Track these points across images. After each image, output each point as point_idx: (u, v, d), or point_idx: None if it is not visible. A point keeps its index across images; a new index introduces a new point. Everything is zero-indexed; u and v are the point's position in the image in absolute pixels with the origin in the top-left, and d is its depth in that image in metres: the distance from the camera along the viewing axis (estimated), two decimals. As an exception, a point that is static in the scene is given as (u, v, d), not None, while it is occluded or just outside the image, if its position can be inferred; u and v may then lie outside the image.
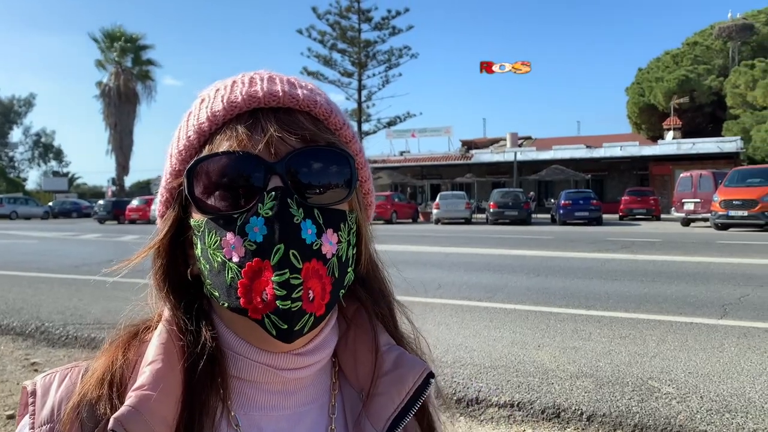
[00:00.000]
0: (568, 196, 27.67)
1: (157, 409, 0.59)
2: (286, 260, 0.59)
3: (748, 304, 6.64)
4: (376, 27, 39.83)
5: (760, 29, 44.93)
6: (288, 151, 0.63)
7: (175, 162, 0.67)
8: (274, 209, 0.60)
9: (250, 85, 0.66)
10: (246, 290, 0.60)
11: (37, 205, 45.18)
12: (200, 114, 0.66)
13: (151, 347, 0.65)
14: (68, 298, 7.37)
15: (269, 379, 0.67)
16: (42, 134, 74.40)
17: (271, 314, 0.59)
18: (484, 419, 3.71)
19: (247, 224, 0.60)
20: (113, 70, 44.84)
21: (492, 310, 6.60)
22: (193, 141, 0.65)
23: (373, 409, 0.68)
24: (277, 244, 0.59)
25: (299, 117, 0.65)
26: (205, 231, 0.63)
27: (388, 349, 0.72)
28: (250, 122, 0.63)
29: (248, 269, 0.59)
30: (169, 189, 0.68)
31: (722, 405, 3.65)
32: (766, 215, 19.09)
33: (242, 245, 0.60)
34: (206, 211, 0.63)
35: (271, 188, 0.61)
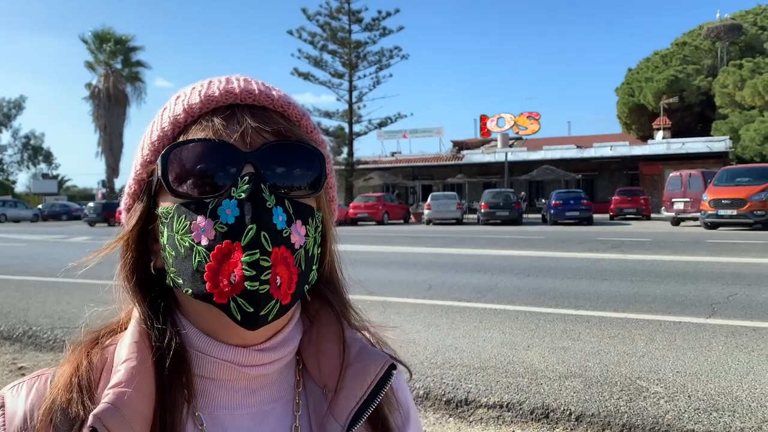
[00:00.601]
0: (559, 196, 27.77)
1: (134, 405, 0.60)
2: (257, 241, 0.60)
3: (736, 303, 6.68)
4: (367, 28, 39.81)
5: (748, 29, 45.27)
6: (262, 143, 0.65)
7: (147, 153, 0.68)
8: (247, 192, 0.61)
9: (227, 83, 0.68)
10: (213, 273, 0.60)
11: (26, 207, 44.88)
12: (176, 107, 0.68)
13: (124, 346, 0.65)
14: (56, 301, 7.32)
15: (233, 376, 0.67)
16: (31, 136, 73.97)
17: (237, 297, 0.60)
18: (473, 420, 3.71)
19: (219, 207, 0.61)
20: (103, 72, 44.64)
21: (482, 311, 6.61)
22: (167, 132, 0.67)
23: (337, 403, 0.69)
24: (249, 224, 0.60)
25: (273, 114, 0.68)
26: (174, 216, 0.64)
27: (350, 345, 0.73)
28: (226, 114, 0.66)
29: (217, 251, 0.60)
30: (138, 180, 0.69)
31: (710, 404, 3.67)
32: (754, 214, 19.24)
33: (213, 228, 0.61)
34: (179, 195, 0.63)
35: (245, 173, 0.63)
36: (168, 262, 0.65)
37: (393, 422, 0.75)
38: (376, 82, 40.75)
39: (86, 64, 45.62)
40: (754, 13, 46.79)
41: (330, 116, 41.14)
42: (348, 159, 41.61)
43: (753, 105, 37.44)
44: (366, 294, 5.41)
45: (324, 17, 39.28)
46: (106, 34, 44.88)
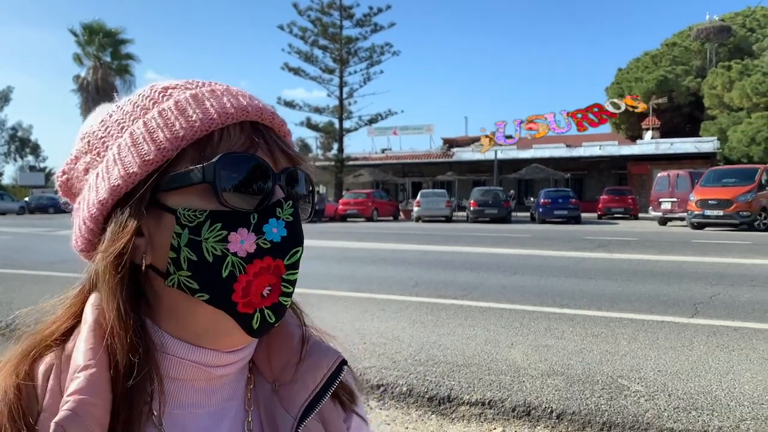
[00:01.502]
0: (548, 195, 27.88)
1: (94, 412, 0.60)
2: (299, 261, 0.68)
3: (718, 303, 6.74)
4: (358, 24, 39.70)
5: (736, 31, 45.60)
6: (284, 167, 0.69)
7: (167, 146, 0.64)
8: (293, 215, 0.67)
9: (251, 99, 0.70)
10: (245, 285, 0.63)
11: (12, 200, 44.47)
12: (205, 109, 0.66)
13: (79, 352, 0.63)
14: (41, 295, 7.22)
15: (196, 376, 0.68)
16: (18, 128, 73.24)
17: (266, 308, 0.65)
18: (455, 417, 3.72)
19: (265, 224, 0.65)
20: (91, 65, 44.24)
21: (467, 308, 6.63)
22: (197, 131, 0.65)
23: (288, 396, 0.72)
24: (296, 246, 0.67)
25: (283, 139, 0.72)
26: (206, 222, 0.63)
27: (301, 341, 0.77)
28: (255, 132, 0.68)
29: (255, 265, 0.64)
30: (145, 171, 0.64)
31: (689, 403, 3.71)
32: (740, 215, 19.43)
33: (254, 242, 0.64)
34: (228, 203, 0.64)
35: (284, 196, 0.67)
36: (179, 265, 0.63)
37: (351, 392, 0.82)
38: (366, 79, 40.70)
39: (74, 57, 45.17)
40: (743, 15, 47.12)
41: (320, 112, 41.05)
42: (338, 155, 41.54)
43: (741, 107, 37.72)
44: (352, 291, 5.47)
45: (315, 12, 39.17)
46: (96, 26, 44.48)
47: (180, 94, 0.68)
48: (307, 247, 0.79)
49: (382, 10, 39.13)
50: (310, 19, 39.23)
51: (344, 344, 0.85)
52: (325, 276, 9.12)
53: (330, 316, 6.09)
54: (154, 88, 0.70)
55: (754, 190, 19.77)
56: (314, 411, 0.71)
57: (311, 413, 0.70)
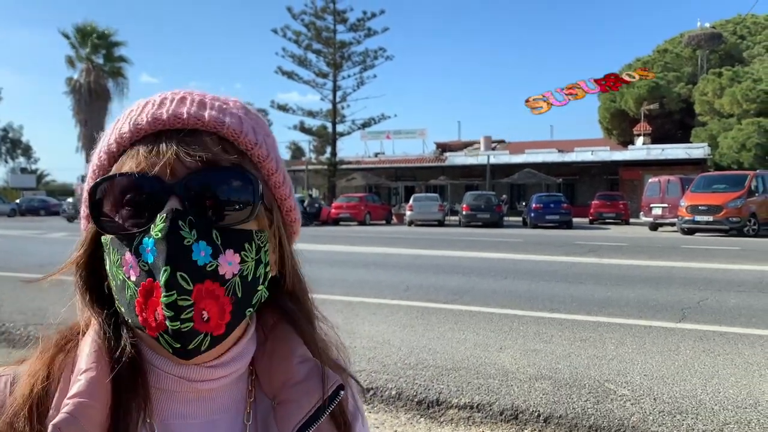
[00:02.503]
0: (540, 200, 27.96)
1: (92, 415, 0.61)
2: (174, 282, 0.59)
3: (706, 308, 6.81)
4: (352, 28, 39.79)
5: (727, 38, 46.01)
6: (186, 173, 0.63)
7: (89, 180, 0.68)
8: (163, 231, 0.60)
9: (159, 107, 0.67)
10: (141, 309, 0.61)
11: (3, 202, 44.21)
12: (109, 136, 0.68)
13: (84, 356, 0.66)
14: (31, 298, 7.25)
15: (183, 389, 0.68)
16: (9, 129, 72.88)
17: (163, 333, 0.61)
18: (443, 420, 3.76)
19: (140, 245, 0.61)
20: (84, 67, 44.07)
21: (458, 313, 6.67)
22: (104, 161, 0.68)
23: (282, 415, 0.70)
24: (163, 266, 0.59)
25: (205, 138, 0.66)
26: (110, 248, 0.65)
27: (303, 361, 0.74)
28: (152, 144, 0.65)
29: (143, 288, 0.61)
30: (90, 192, 0.68)
31: (674, 407, 3.76)
32: (730, 221, 19.56)
33: (137, 265, 0.62)
34: (106, 231, 0.65)
35: (167, 210, 0.61)
36: (113, 289, 0.66)
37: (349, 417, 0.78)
38: (360, 83, 40.77)
39: (67, 59, 45.02)
40: (734, 22, 47.57)
41: (314, 116, 41.07)
42: (331, 159, 41.57)
43: (731, 113, 38.00)
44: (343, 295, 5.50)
45: (309, 16, 39.23)
46: (89, 28, 44.33)
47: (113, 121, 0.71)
48: (298, 250, 0.80)
49: (375, 15, 39.32)
50: (304, 23, 39.31)
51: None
52: (316, 280, 8.97)
53: (321, 319, 6.09)
54: None
55: (744, 196, 19.91)
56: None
57: None
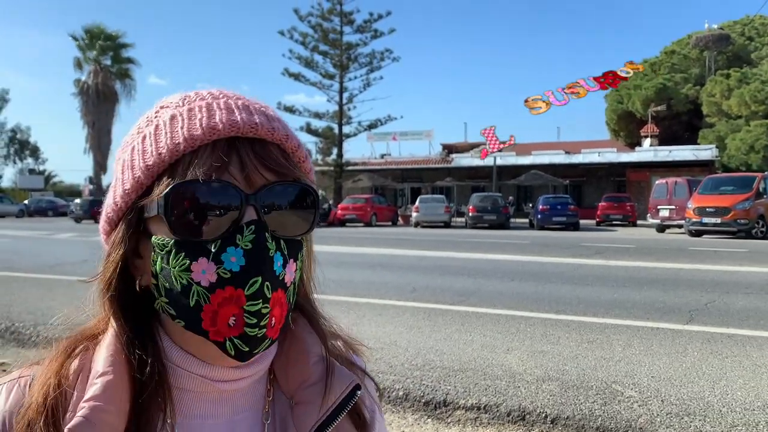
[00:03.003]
0: (546, 201, 27.91)
1: (108, 419, 0.62)
2: (261, 292, 0.63)
3: (713, 310, 6.79)
4: (358, 30, 39.83)
5: (735, 39, 45.83)
6: (263, 184, 0.66)
7: (140, 175, 0.66)
8: (253, 242, 0.63)
9: (229, 113, 0.67)
10: (212, 315, 0.63)
11: (11, 203, 44.45)
12: (174, 134, 0.66)
13: (100, 358, 0.66)
14: (40, 298, 7.31)
15: (206, 389, 0.70)
16: (17, 130, 73.24)
17: (235, 338, 0.63)
18: (450, 421, 3.77)
19: (223, 253, 0.62)
20: (92, 68, 44.33)
21: (464, 314, 6.67)
22: (165, 159, 0.65)
23: (300, 415, 0.72)
24: (254, 276, 0.62)
25: (272, 150, 0.68)
26: (172, 251, 0.64)
27: (318, 360, 0.75)
28: (228, 150, 0.66)
29: (218, 295, 0.62)
30: (127, 201, 0.68)
31: (682, 408, 3.75)
32: (738, 223, 19.48)
33: (215, 272, 0.62)
34: (182, 235, 0.64)
35: (249, 221, 0.64)
36: (159, 291, 0.66)
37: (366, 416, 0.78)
38: (366, 84, 40.79)
39: (75, 61, 45.30)
40: (742, 23, 47.36)
41: (320, 117, 41.13)
42: (337, 160, 41.61)
43: (739, 114, 37.87)
44: (350, 296, 5.51)
45: (316, 18, 39.28)
46: (97, 30, 44.59)
47: (164, 116, 0.69)
48: None
49: (382, 17, 39.33)
50: (311, 25, 39.37)
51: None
52: (323, 281, 9.05)
53: (328, 320, 6.11)
54: (153, 109, 0.72)
55: (752, 198, 19.82)
56: None
57: None
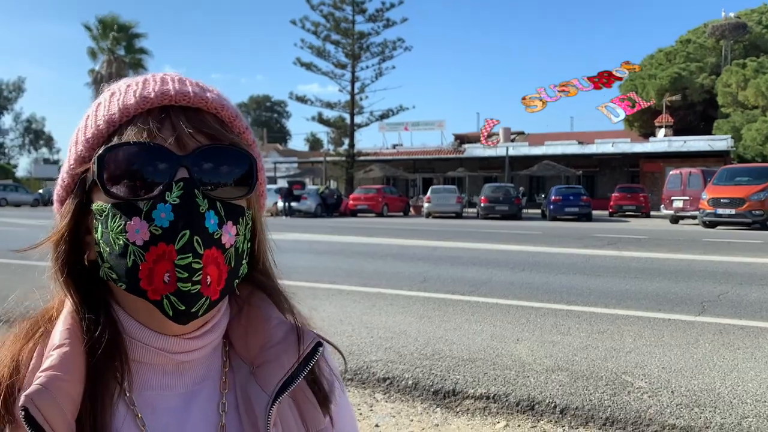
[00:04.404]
0: (559, 192, 27.77)
1: (65, 387, 0.63)
2: (190, 245, 0.64)
3: (726, 302, 6.74)
4: (370, 19, 39.69)
5: (753, 28, 45.20)
6: (195, 147, 0.68)
7: (81, 149, 0.70)
8: (181, 197, 0.65)
9: (162, 84, 0.70)
10: (148, 273, 0.64)
11: (27, 192, 44.87)
12: (111, 106, 0.69)
13: (57, 332, 0.68)
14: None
15: (162, 361, 0.71)
16: (32, 120, 73.86)
17: (170, 295, 0.64)
18: (459, 411, 3.78)
19: (154, 210, 0.64)
20: (106, 58, 44.60)
21: (475, 304, 6.68)
22: (102, 130, 0.69)
23: (264, 375, 0.74)
24: (182, 230, 0.64)
25: (207, 117, 0.70)
26: (109, 215, 0.66)
27: (280, 323, 0.78)
28: (161, 117, 0.68)
29: (152, 252, 0.64)
30: (72, 175, 0.71)
31: (692, 399, 3.74)
32: (753, 214, 19.28)
33: (148, 230, 0.64)
34: (114, 196, 0.66)
35: (179, 178, 0.66)
36: (103, 258, 0.68)
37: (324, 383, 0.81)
38: (378, 74, 40.68)
39: (89, 51, 45.56)
40: (760, 12, 46.71)
41: (332, 107, 41.12)
42: (349, 150, 41.62)
43: (756, 105, 37.44)
44: (361, 285, 5.54)
45: (328, 7, 39.19)
46: (110, 20, 44.81)
47: (106, 94, 0.73)
48: (317, 241, 0.83)
49: (394, 5, 39.11)
50: (323, 14, 39.28)
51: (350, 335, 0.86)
52: (334, 270, 9.20)
53: (338, 310, 6.16)
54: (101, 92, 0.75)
55: (767, 189, 19.61)
56: (289, 389, 0.72)
57: (286, 391, 0.72)
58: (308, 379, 0.79)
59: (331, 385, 0.83)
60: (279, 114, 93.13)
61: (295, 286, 0.87)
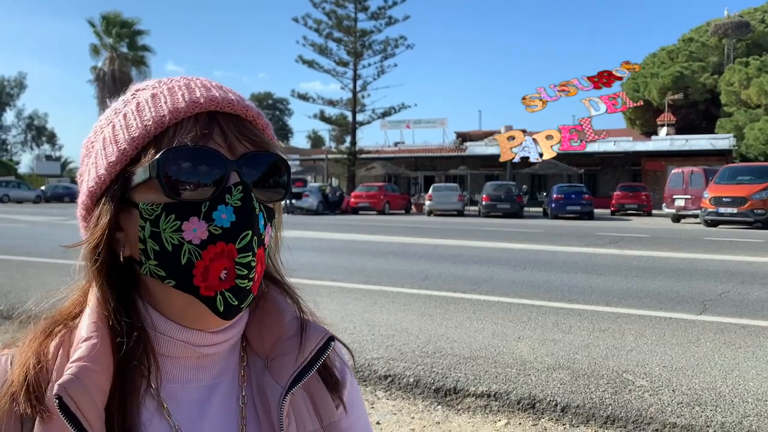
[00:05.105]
0: (561, 190, 27.77)
1: (94, 378, 0.65)
2: (250, 245, 0.69)
3: (727, 301, 6.74)
4: (373, 16, 39.65)
5: (755, 27, 45.06)
6: (243, 152, 0.72)
7: (126, 147, 0.71)
8: (242, 200, 0.69)
9: (207, 90, 0.73)
10: (204, 270, 0.68)
11: (29, 188, 44.93)
12: (158, 107, 0.71)
13: (84, 326, 0.70)
14: (58, 282, 7.38)
15: (187, 354, 0.74)
16: (34, 116, 73.92)
17: (226, 291, 0.69)
18: (461, 409, 3.78)
19: (214, 211, 0.68)
20: (108, 55, 44.65)
21: (476, 302, 6.68)
22: (150, 130, 0.70)
23: (278, 368, 0.77)
24: (245, 230, 0.69)
25: (248, 124, 0.75)
26: (162, 214, 0.68)
27: (293, 318, 0.81)
28: (210, 123, 0.71)
29: (209, 251, 0.68)
30: (111, 172, 0.72)
31: (693, 398, 3.74)
32: (755, 213, 19.25)
33: (206, 229, 0.68)
34: (174, 197, 0.68)
35: (237, 182, 0.70)
36: (147, 255, 0.69)
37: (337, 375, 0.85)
38: (380, 72, 40.64)
39: (91, 47, 45.59)
40: (763, 10, 46.56)
41: (334, 105, 41.09)
42: (351, 148, 41.61)
43: (759, 104, 37.33)
44: (362, 283, 5.54)
45: (330, 4, 39.14)
46: (113, 17, 44.84)
47: (144, 95, 0.74)
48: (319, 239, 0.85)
49: (396, 3, 39.08)
50: (325, 12, 39.27)
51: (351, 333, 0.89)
52: (336, 268, 9.20)
53: (340, 307, 6.16)
54: (129, 91, 0.78)
55: (769, 188, 19.57)
56: (302, 381, 0.75)
57: (298, 384, 0.75)
58: (321, 371, 0.82)
59: (342, 375, 0.86)
60: (281, 111, 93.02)
61: (297, 283, 0.88)
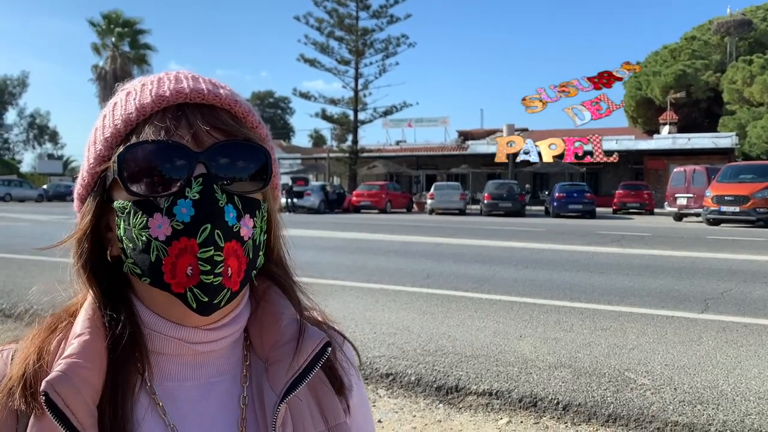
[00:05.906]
0: (563, 189, 27.74)
1: (86, 375, 0.65)
2: (211, 238, 0.66)
3: (729, 299, 6.73)
4: (374, 15, 39.59)
5: (758, 25, 44.96)
6: (212, 143, 0.69)
7: (101, 148, 0.71)
8: (201, 193, 0.66)
9: (177, 82, 0.72)
10: (171, 267, 0.66)
11: (31, 187, 44.94)
12: (128, 105, 0.71)
13: (78, 322, 0.71)
14: (58, 280, 7.39)
15: (182, 352, 0.73)
16: (36, 115, 73.92)
17: (194, 288, 0.66)
18: (462, 407, 3.78)
19: (175, 206, 0.66)
20: (110, 54, 44.70)
21: (478, 301, 6.68)
22: (120, 129, 0.70)
23: (273, 374, 0.75)
24: (204, 223, 0.66)
25: (221, 113, 0.72)
26: (131, 212, 0.68)
27: (290, 322, 0.78)
28: (177, 115, 0.70)
29: (174, 247, 0.66)
30: (92, 173, 0.72)
31: (695, 397, 3.74)
32: (757, 211, 19.21)
33: (169, 225, 0.66)
34: (134, 194, 0.67)
35: (198, 174, 0.67)
36: (126, 253, 0.69)
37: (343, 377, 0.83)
38: (382, 70, 40.60)
39: (93, 46, 45.63)
40: (765, 8, 46.44)
41: (335, 103, 41.07)
42: (352, 147, 41.58)
43: (761, 102, 37.25)
44: (363, 282, 5.55)
45: (331, 3, 39.12)
46: (115, 16, 44.89)
47: (121, 94, 0.74)
48: (320, 237, 0.84)
49: (398, 2, 39.03)
50: (327, 10, 39.22)
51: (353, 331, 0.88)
52: (337, 266, 9.21)
53: (341, 306, 6.16)
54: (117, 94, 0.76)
55: (772, 187, 19.53)
56: (296, 390, 0.73)
57: (293, 392, 0.73)
58: (326, 372, 0.80)
59: (349, 377, 0.84)
60: (282, 110, 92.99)
61: (299, 281, 0.87)
